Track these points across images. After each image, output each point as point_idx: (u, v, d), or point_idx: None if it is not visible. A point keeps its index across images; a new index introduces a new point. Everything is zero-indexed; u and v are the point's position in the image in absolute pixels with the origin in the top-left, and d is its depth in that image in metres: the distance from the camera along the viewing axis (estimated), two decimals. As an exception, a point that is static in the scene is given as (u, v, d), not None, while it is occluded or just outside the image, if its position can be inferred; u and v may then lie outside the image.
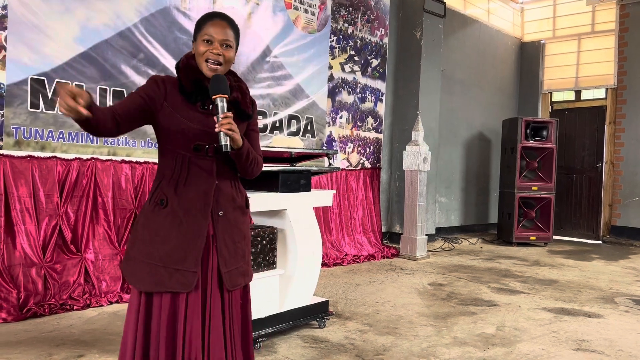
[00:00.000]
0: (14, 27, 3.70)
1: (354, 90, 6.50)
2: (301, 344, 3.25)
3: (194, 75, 1.83)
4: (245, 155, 1.85)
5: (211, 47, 1.81)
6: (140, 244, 1.84)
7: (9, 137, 3.71)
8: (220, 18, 1.86)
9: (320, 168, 3.76)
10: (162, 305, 1.79)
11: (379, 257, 6.23)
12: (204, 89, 1.83)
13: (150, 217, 1.84)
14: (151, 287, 1.79)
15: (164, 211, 1.82)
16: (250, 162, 1.90)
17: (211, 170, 1.85)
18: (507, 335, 3.58)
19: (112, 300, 3.93)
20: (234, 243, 1.90)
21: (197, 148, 1.81)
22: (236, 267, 1.90)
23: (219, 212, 1.86)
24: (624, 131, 8.30)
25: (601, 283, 5.32)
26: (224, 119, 1.73)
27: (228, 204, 1.89)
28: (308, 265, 3.43)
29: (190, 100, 1.83)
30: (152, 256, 1.80)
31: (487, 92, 8.89)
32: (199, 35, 1.84)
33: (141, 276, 1.80)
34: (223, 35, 1.83)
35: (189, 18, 4.67)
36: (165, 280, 1.78)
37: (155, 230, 1.82)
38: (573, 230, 8.77)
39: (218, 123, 1.73)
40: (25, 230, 3.72)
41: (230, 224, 1.89)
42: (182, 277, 1.79)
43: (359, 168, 6.58)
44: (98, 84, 4.13)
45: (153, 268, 1.79)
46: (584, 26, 8.87)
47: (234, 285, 1.89)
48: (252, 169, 1.93)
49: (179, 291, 1.78)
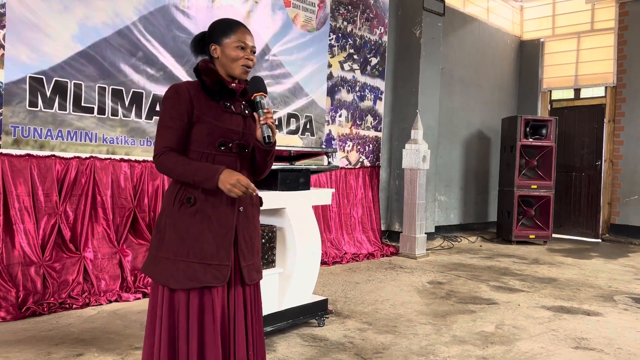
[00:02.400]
0: (13, 26, 3.70)
1: (353, 89, 6.50)
2: (300, 343, 3.25)
3: (216, 76, 1.94)
4: (272, 151, 1.99)
5: (245, 53, 1.94)
6: (168, 244, 1.88)
7: (7, 136, 3.70)
8: (245, 27, 2.00)
9: (319, 167, 3.75)
10: (191, 300, 1.84)
11: (378, 255, 6.23)
12: (227, 90, 1.93)
13: (177, 217, 1.88)
14: (187, 284, 1.83)
15: (191, 209, 1.87)
16: (271, 158, 2.02)
17: (235, 166, 1.93)
18: (506, 333, 3.58)
19: (111, 299, 3.93)
20: (251, 239, 1.98)
21: (222, 144, 1.89)
22: (252, 262, 1.98)
23: (240, 208, 1.94)
24: (624, 129, 8.30)
25: (600, 281, 5.32)
26: (267, 113, 1.88)
27: (247, 199, 1.98)
28: (307, 264, 3.43)
29: (215, 99, 1.91)
30: (185, 254, 1.85)
31: (487, 90, 8.88)
32: (229, 40, 1.93)
33: (175, 274, 1.84)
34: (253, 43, 1.97)
35: (188, 16, 4.67)
36: (200, 276, 1.84)
37: (185, 229, 1.87)
38: (572, 229, 8.78)
39: (262, 117, 1.88)
40: (24, 229, 3.71)
41: (248, 219, 1.98)
42: (217, 271, 1.86)
43: (358, 166, 6.58)
44: (97, 83, 4.12)
45: (187, 265, 1.84)
46: (584, 24, 8.87)
47: (252, 280, 1.97)
48: (269, 167, 2.07)
49: (215, 285, 1.85)
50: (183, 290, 1.84)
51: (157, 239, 1.91)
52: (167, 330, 1.86)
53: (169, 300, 1.86)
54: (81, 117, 4.05)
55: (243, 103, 1.99)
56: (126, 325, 3.45)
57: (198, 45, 1.98)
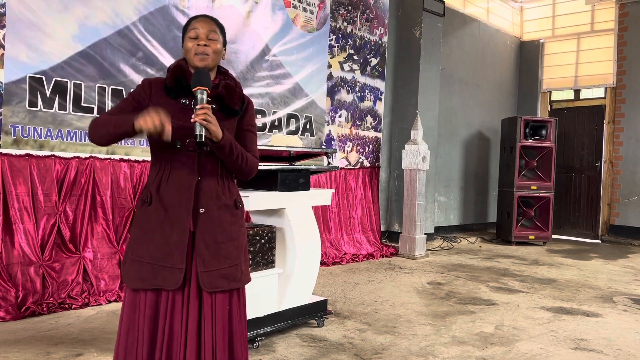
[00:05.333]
0: (12, 25, 3.70)
1: (353, 89, 6.50)
2: (300, 343, 3.25)
3: (178, 73, 1.89)
4: (228, 149, 1.84)
5: (197, 41, 1.87)
6: (132, 243, 1.89)
7: (7, 136, 3.70)
8: (203, 16, 1.94)
9: (319, 167, 3.75)
10: (147, 302, 1.82)
11: (378, 256, 6.23)
12: (186, 86, 1.87)
13: (139, 215, 1.90)
14: (137, 284, 1.82)
15: (149, 209, 1.86)
16: (237, 157, 1.88)
17: (192, 165, 1.86)
18: (505, 334, 3.58)
19: (110, 299, 3.93)
20: (217, 243, 1.86)
21: (177, 143, 1.84)
22: (218, 268, 1.85)
23: (200, 209, 1.85)
24: (623, 130, 8.30)
25: (600, 282, 5.32)
26: (199, 109, 1.74)
27: (211, 201, 1.87)
28: (307, 264, 3.43)
29: (171, 96, 1.87)
30: (140, 254, 1.84)
31: (486, 91, 8.88)
32: (186, 35, 1.92)
33: (132, 274, 1.84)
34: (208, 27, 1.88)
35: (188, 16, 4.66)
36: (150, 277, 1.80)
37: (143, 229, 1.86)
38: (572, 230, 8.78)
39: (194, 113, 1.75)
40: (23, 229, 3.71)
41: (213, 222, 1.86)
42: (169, 274, 1.80)
43: (358, 167, 6.58)
44: (97, 83, 4.12)
45: (141, 265, 1.82)
46: (584, 25, 8.87)
47: (214, 287, 1.83)
48: (242, 167, 1.92)
49: (165, 288, 1.80)
50: (143, 291, 1.82)
51: (130, 237, 1.93)
52: (127, 332, 1.84)
53: (131, 300, 1.85)
54: (81, 117, 4.05)
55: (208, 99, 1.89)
56: (125, 325, 3.44)
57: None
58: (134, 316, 1.84)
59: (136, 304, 1.84)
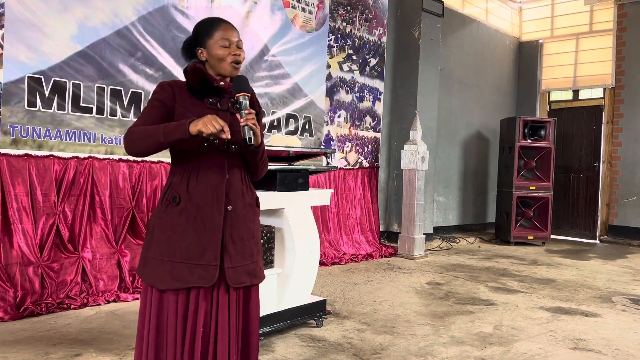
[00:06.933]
0: (11, 25, 3.69)
1: (352, 90, 6.50)
2: (299, 343, 3.25)
3: (200, 75, 1.92)
4: (261, 153, 1.96)
5: (230, 49, 1.91)
6: (156, 244, 1.86)
7: (6, 136, 3.70)
8: (226, 22, 1.95)
9: (318, 167, 3.75)
10: (179, 301, 1.82)
11: (377, 256, 6.23)
12: (212, 88, 1.92)
13: (164, 216, 1.88)
14: (172, 285, 1.81)
15: (177, 208, 1.86)
16: (263, 160, 1.99)
17: (222, 164, 1.90)
18: (504, 334, 3.58)
19: (109, 299, 3.93)
20: (242, 240, 1.92)
21: (206, 141, 1.85)
22: (242, 264, 1.91)
23: (228, 207, 1.89)
24: (622, 131, 8.31)
25: (598, 282, 5.33)
26: (248, 114, 1.81)
27: (238, 199, 1.93)
28: (306, 264, 3.43)
29: (198, 97, 1.90)
30: (171, 254, 1.83)
31: (485, 91, 8.89)
32: (212, 40, 1.91)
33: (161, 275, 1.83)
34: (237, 37, 1.94)
35: (187, 17, 4.66)
36: (186, 276, 1.81)
37: (171, 229, 1.85)
38: (570, 230, 8.79)
39: (243, 118, 1.81)
40: (22, 229, 3.71)
41: (238, 220, 1.92)
42: (204, 272, 1.82)
43: (357, 167, 6.58)
44: (95, 83, 4.12)
45: (173, 265, 1.82)
46: (582, 26, 8.88)
47: (239, 283, 1.89)
48: (262, 168, 2.03)
49: (202, 286, 1.82)
50: (172, 291, 1.82)
51: (147, 239, 1.91)
52: (155, 333, 1.84)
53: (158, 302, 1.84)
54: (80, 117, 4.05)
55: (232, 100, 1.94)
56: (124, 325, 3.44)
57: (188, 51, 1.98)
58: (162, 316, 1.84)
59: (164, 304, 1.84)
